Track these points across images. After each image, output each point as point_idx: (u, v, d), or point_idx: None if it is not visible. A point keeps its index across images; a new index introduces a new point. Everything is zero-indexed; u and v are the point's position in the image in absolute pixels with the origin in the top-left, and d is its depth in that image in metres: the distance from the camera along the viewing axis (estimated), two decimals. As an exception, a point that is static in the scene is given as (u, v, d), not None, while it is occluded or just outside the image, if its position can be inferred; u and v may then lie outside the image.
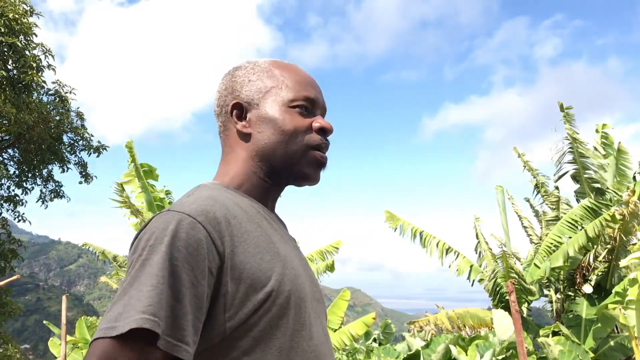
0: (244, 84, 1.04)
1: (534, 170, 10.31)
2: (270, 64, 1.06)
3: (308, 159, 1.01)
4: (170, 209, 0.86)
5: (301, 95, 1.02)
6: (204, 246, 0.81)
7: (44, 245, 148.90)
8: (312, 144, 1.01)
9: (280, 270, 0.89)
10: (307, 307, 0.92)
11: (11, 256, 16.05)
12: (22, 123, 13.75)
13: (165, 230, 0.81)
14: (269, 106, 1.01)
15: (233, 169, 1.02)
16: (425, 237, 9.75)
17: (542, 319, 15.48)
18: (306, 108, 1.02)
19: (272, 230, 0.96)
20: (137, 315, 0.73)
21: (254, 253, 0.88)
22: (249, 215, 0.93)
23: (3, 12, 13.22)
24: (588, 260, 8.74)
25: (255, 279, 0.86)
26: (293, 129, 1.00)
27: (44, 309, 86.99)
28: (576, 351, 6.58)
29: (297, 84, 1.03)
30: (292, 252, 0.98)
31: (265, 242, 0.91)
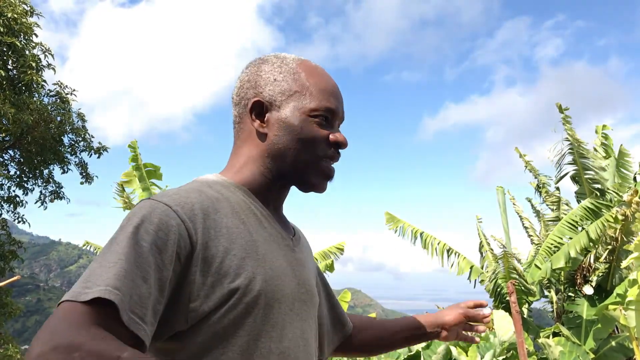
0: (268, 82, 1.03)
1: (536, 170, 10.30)
2: (298, 65, 1.05)
3: (317, 170, 1.02)
4: (151, 197, 0.88)
5: (323, 106, 1.01)
6: (175, 232, 0.82)
7: (45, 246, 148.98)
8: (325, 156, 1.02)
9: (252, 269, 0.88)
10: (281, 308, 0.91)
11: (11, 257, 16.05)
12: (22, 123, 13.74)
13: (138, 214, 0.83)
14: (290, 111, 1.00)
15: (240, 162, 1.03)
16: (426, 238, 9.74)
17: (542, 319, 15.47)
18: (326, 118, 1.02)
19: (258, 228, 0.96)
20: (101, 286, 0.72)
21: (228, 248, 0.87)
22: (235, 211, 0.94)
23: (2, 11, 13.23)
24: (589, 261, 8.73)
25: (222, 274, 0.85)
26: (310, 139, 1.00)
27: (44, 310, 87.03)
28: (577, 352, 6.57)
29: (321, 92, 1.02)
30: (278, 251, 0.97)
31: (244, 240, 0.91)
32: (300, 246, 1.08)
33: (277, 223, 1.03)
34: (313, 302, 1.03)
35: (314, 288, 1.05)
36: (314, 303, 1.04)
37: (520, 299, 8.43)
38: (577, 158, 9.00)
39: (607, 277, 8.70)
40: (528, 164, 10.39)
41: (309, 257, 1.12)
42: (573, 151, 9.01)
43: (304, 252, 1.08)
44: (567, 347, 6.61)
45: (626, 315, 6.12)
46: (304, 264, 1.04)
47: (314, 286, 1.06)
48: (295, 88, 1.02)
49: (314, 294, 1.04)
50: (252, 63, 1.07)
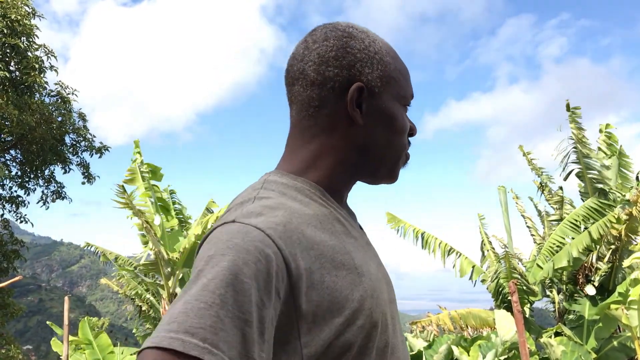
0: (366, 64, 0.87)
1: (539, 169, 10.25)
2: (382, 43, 0.92)
3: (401, 162, 0.94)
4: (235, 219, 0.73)
5: (410, 93, 0.94)
6: (273, 264, 0.68)
7: (46, 246, 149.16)
8: (406, 146, 0.94)
9: (359, 287, 0.78)
10: (387, 320, 0.82)
11: (14, 257, 16.09)
12: (24, 124, 13.78)
13: (230, 241, 0.69)
14: (388, 98, 0.88)
15: (314, 154, 0.88)
16: (427, 238, 9.75)
17: (544, 319, 15.47)
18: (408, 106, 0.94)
19: (345, 237, 0.83)
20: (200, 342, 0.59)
21: (330, 270, 0.75)
22: (320, 221, 0.81)
23: (5, 13, 13.27)
24: (591, 260, 8.72)
25: (332, 301, 0.73)
26: (403, 129, 0.90)
27: (46, 310, 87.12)
28: (578, 351, 6.57)
29: (406, 76, 0.93)
30: (367, 255, 0.87)
31: (340, 254, 0.78)
32: (365, 233, 0.98)
33: (350, 217, 0.91)
34: (395, 299, 0.95)
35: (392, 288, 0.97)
36: (396, 300, 0.95)
37: (522, 298, 8.43)
38: (580, 157, 8.99)
39: (609, 277, 8.69)
40: (531, 163, 10.36)
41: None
42: (577, 150, 8.99)
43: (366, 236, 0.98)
44: (569, 347, 6.61)
45: (628, 315, 6.13)
46: (379, 258, 0.96)
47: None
48: (390, 73, 0.89)
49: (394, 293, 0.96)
50: (330, 35, 0.88)
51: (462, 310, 9.89)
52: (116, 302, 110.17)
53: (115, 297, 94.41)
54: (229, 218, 0.75)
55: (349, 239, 0.84)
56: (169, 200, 9.72)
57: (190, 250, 8.45)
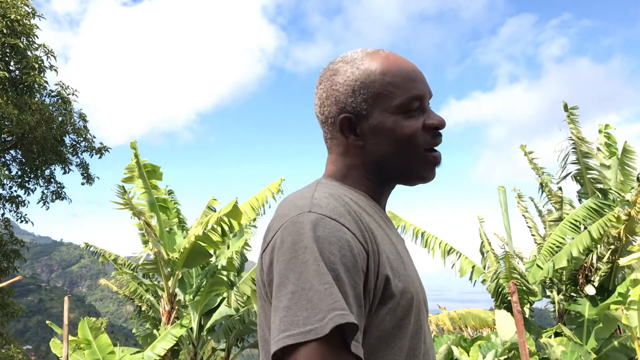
0: (348, 95, 0.98)
1: (540, 169, 10.23)
2: (370, 64, 0.99)
3: (424, 162, 0.98)
4: (302, 210, 0.84)
5: (408, 98, 0.96)
6: (353, 246, 0.81)
7: (46, 246, 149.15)
8: (427, 146, 0.98)
9: (403, 272, 0.89)
10: (423, 309, 0.93)
11: (14, 257, 16.09)
12: (24, 124, 13.78)
13: (316, 231, 0.80)
14: (379, 116, 0.96)
15: (344, 170, 1.00)
16: (427, 238, 9.75)
17: (544, 319, 15.47)
18: (417, 109, 0.97)
19: (389, 232, 0.96)
20: (329, 314, 0.72)
21: (382, 253, 0.86)
22: (369, 214, 0.93)
23: (5, 13, 13.27)
24: (591, 260, 8.72)
25: (385, 279, 0.85)
26: (407, 137, 0.96)
27: (46, 310, 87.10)
28: (578, 352, 6.57)
29: (402, 84, 0.97)
30: (405, 253, 0.98)
31: (388, 243, 0.90)
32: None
33: (391, 224, 1.03)
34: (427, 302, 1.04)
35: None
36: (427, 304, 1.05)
37: (522, 298, 8.43)
38: (580, 157, 8.98)
39: (609, 277, 8.69)
40: (532, 162, 10.33)
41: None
42: (576, 150, 8.98)
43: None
44: (569, 347, 6.61)
45: (628, 315, 6.12)
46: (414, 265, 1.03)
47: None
48: (376, 90, 0.97)
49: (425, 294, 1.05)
50: (323, 77, 1.03)
51: (461, 311, 9.90)
52: (116, 302, 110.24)
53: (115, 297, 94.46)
54: (304, 208, 0.84)
55: (392, 235, 0.97)
56: (168, 200, 9.71)
57: (189, 250, 8.43)
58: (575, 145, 8.94)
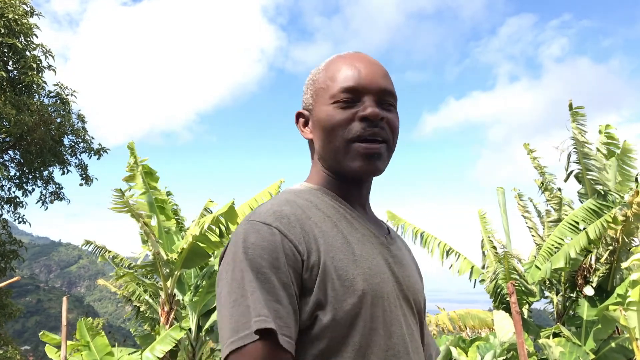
0: (305, 92, 1.06)
1: (542, 167, 10.17)
2: (326, 64, 1.05)
3: (351, 153, 0.97)
4: (249, 218, 0.92)
5: (338, 88, 0.99)
6: (281, 248, 0.86)
7: (45, 246, 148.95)
8: (352, 136, 0.97)
9: (352, 270, 0.90)
10: (385, 305, 0.92)
11: (12, 257, 16.06)
12: (23, 125, 13.75)
13: (243, 242, 0.87)
14: (318, 108, 1.02)
15: (315, 169, 1.06)
16: (426, 238, 9.74)
17: (543, 320, 15.47)
18: (348, 100, 0.98)
19: (351, 230, 0.97)
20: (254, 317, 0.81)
21: (327, 252, 0.89)
22: (327, 215, 0.96)
23: (3, 12, 13.24)
24: (589, 261, 8.71)
25: (327, 278, 0.88)
26: (330, 126, 0.98)
27: (44, 311, 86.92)
28: (577, 352, 6.57)
29: (339, 75, 1.00)
30: (374, 250, 0.97)
31: (340, 242, 0.92)
32: (396, 245, 1.07)
33: (368, 222, 1.03)
34: (417, 299, 1.03)
35: (417, 285, 1.05)
36: (417, 300, 1.03)
37: (521, 299, 8.43)
38: (580, 158, 8.95)
39: (607, 278, 8.68)
40: (535, 161, 10.28)
41: (407, 256, 1.10)
42: (577, 151, 8.94)
43: (401, 250, 1.08)
44: (567, 348, 6.61)
45: (626, 316, 6.12)
46: (402, 261, 1.03)
47: (417, 283, 1.05)
48: (320, 86, 1.02)
49: (417, 291, 1.04)
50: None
51: (460, 311, 9.90)
52: (114, 302, 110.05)
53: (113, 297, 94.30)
54: (246, 218, 0.92)
55: (355, 232, 0.96)
56: (167, 201, 9.70)
57: (188, 251, 8.42)
58: (576, 145, 8.90)
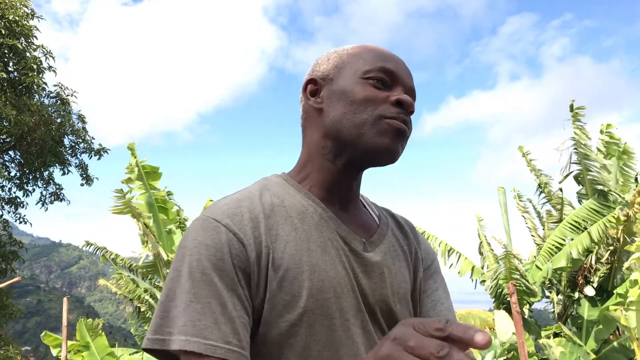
0: (323, 63, 0.98)
1: (537, 170, 10.22)
2: (352, 47, 0.99)
3: (380, 128, 0.89)
4: (204, 212, 0.86)
5: (377, 66, 0.92)
6: (228, 249, 0.81)
7: (45, 247, 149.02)
8: (385, 114, 0.90)
9: (298, 282, 0.83)
10: (333, 323, 0.84)
11: (12, 257, 16.07)
12: (23, 125, 13.76)
13: (192, 240, 0.81)
14: (343, 79, 0.93)
15: (303, 159, 0.97)
16: (427, 238, 9.74)
17: (543, 320, 15.47)
18: (383, 81, 0.92)
19: (314, 234, 0.89)
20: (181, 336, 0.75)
21: (276, 259, 0.83)
22: (289, 216, 0.88)
23: (3, 14, 13.26)
24: (590, 261, 8.71)
25: (270, 288, 0.82)
26: (363, 98, 0.90)
27: (44, 311, 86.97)
28: (578, 353, 6.56)
29: (375, 56, 0.94)
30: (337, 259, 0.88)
31: (293, 249, 0.85)
32: (379, 249, 0.95)
33: (345, 224, 0.93)
34: (391, 311, 0.92)
35: (394, 296, 0.93)
36: (392, 313, 0.92)
37: (521, 299, 8.43)
38: (581, 158, 8.96)
39: (608, 278, 8.69)
40: (530, 164, 10.33)
41: (395, 260, 0.97)
42: (578, 151, 8.95)
43: (385, 254, 0.95)
44: (568, 348, 6.60)
45: (627, 316, 6.11)
46: (379, 269, 0.93)
47: (395, 294, 0.93)
48: (347, 59, 0.95)
49: (390, 302, 0.92)
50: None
51: (461, 311, 9.88)
52: (115, 303, 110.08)
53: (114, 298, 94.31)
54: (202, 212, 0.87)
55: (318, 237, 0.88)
56: (167, 201, 9.71)
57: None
58: (577, 145, 8.91)
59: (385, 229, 1.00)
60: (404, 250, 1.02)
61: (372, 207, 1.06)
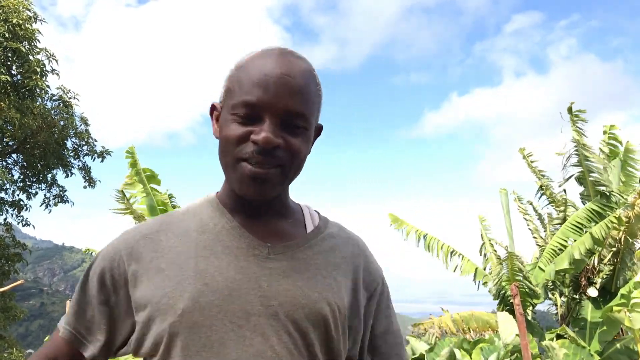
0: (222, 84, 0.97)
1: (539, 172, 10.20)
2: (243, 60, 0.94)
3: (237, 173, 0.89)
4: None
5: (240, 100, 0.88)
6: (109, 265, 0.95)
7: (48, 250, 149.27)
8: (242, 156, 0.88)
9: (181, 287, 0.87)
10: (218, 326, 0.85)
11: (16, 260, 16.10)
12: (26, 128, 13.81)
13: (94, 260, 0.99)
14: (224, 110, 0.93)
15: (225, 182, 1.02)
16: (430, 240, 9.72)
17: (547, 322, 15.41)
18: (248, 115, 0.88)
19: (212, 243, 0.92)
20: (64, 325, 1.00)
21: (161, 270, 0.91)
22: (189, 229, 0.95)
23: (7, 17, 13.32)
24: (593, 263, 8.69)
25: (149, 297, 0.89)
26: (224, 138, 0.90)
27: (48, 314, 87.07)
28: (581, 354, 6.53)
29: (247, 84, 0.89)
30: (235, 264, 0.90)
31: (183, 258, 0.91)
32: (287, 254, 0.94)
33: (251, 232, 0.94)
34: (294, 315, 0.89)
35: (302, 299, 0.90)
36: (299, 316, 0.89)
37: (525, 301, 8.40)
38: (582, 160, 8.94)
39: (611, 279, 8.66)
40: (530, 166, 10.31)
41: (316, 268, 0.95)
42: (579, 152, 8.93)
43: (300, 261, 0.94)
44: (571, 350, 6.58)
45: (631, 318, 6.10)
46: (284, 273, 0.91)
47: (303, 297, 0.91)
48: (229, 84, 0.93)
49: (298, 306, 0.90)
50: None
51: (464, 313, 9.86)
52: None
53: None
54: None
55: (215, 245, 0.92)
56: (168, 204, 9.71)
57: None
58: (577, 147, 8.90)
59: (311, 238, 0.99)
60: (341, 262, 1.00)
61: (314, 218, 1.05)
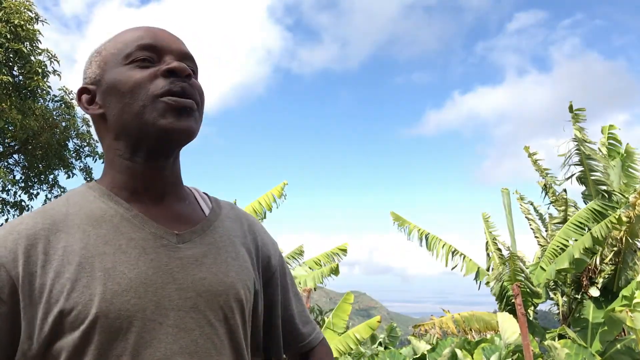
0: (88, 68, 0.95)
1: (543, 170, 10.17)
2: (115, 34, 0.96)
3: (158, 110, 0.85)
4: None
5: (134, 46, 0.89)
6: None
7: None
8: (160, 91, 0.86)
9: (89, 290, 0.78)
10: (136, 326, 0.79)
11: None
12: (28, 129, 13.85)
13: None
14: (109, 74, 0.90)
15: (106, 163, 0.95)
16: (431, 240, 9.72)
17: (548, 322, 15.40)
18: (147, 59, 0.89)
19: (112, 237, 0.84)
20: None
21: (59, 272, 0.79)
22: (82, 224, 0.85)
23: (9, 18, 13.35)
24: (594, 262, 8.68)
25: (52, 303, 0.78)
26: (132, 84, 0.87)
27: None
28: (583, 354, 6.53)
29: (131, 37, 0.91)
30: (143, 257, 0.84)
31: (82, 257, 0.81)
32: (202, 239, 0.91)
33: (154, 220, 0.89)
34: (214, 303, 0.87)
35: (220, 285, 0.88)
36: (215, 305, 0.87)
37: (526, 301, 8.40)
38: (583, 159, 8.94)
39: (613, 279, 8.65)
40: (536, 164, 10.28)
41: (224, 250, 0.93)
42: (580, 152, 8.93)
43: (210, 245, 0.92)
44: (573, 350, 6.58)
45: (633, 318, 6.10)
46: (197, 261, 0.88)
47: (223, 284, 0.88)
48: (107, 53, 0.92)
49: (216, 293, 0.87)
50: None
51: (465, 313, 9.86)
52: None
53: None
54: None
55: (117, 239, 0.84)
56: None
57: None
58: (579, 146, 8.90)
59: (213, 220, 0.97)
60: (241, 241, 0.99)
61: (205, 199, 1.03)
